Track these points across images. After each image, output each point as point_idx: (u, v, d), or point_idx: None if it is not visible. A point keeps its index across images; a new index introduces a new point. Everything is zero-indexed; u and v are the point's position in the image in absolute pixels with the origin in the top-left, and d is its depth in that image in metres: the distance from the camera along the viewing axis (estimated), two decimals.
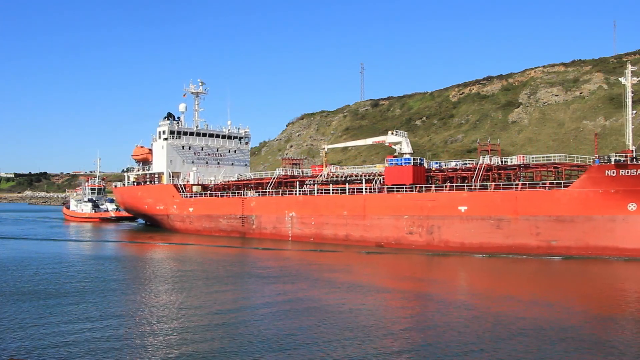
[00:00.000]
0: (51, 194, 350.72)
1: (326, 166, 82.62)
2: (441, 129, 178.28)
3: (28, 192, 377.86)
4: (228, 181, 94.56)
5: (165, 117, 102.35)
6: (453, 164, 75.91)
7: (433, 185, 65.98)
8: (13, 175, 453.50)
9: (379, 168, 77.39)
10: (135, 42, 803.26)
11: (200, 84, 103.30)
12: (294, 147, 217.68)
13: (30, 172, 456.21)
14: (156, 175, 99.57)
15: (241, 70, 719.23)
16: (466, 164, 72.51)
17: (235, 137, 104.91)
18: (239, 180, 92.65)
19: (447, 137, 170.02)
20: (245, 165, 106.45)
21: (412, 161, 68.25)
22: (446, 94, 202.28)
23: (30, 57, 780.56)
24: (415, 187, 66.49)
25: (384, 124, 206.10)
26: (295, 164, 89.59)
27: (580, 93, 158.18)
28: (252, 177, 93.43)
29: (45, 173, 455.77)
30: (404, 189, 67.21)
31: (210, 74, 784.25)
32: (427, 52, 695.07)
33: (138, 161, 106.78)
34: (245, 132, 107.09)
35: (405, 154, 75.23)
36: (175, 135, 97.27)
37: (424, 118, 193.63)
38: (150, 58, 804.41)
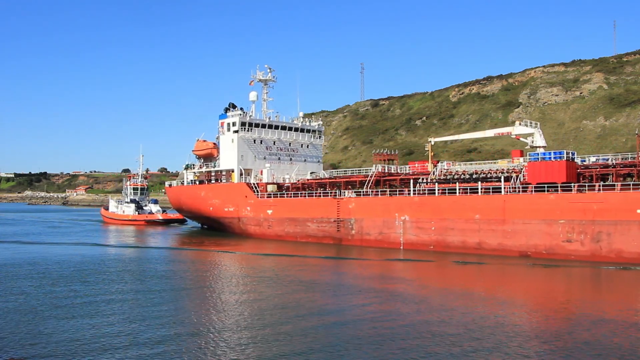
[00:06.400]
0: (51, 194, 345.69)
1: (432, 162, 71.80)
2: (441, 129, 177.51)
3: (28, 192, 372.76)
4: (307, 179, 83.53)
5: (226, 108, 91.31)
6: (593, 159, 65.34)
7: (598, 184, 54.89)
8: (13, 175, 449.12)
9: (502, 164, 66.50)
10: (131, 42, 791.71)
11: (268, 70, 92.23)
12: None
13: (30, 172, 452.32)
14: (223, 173, 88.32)
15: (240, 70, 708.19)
16: (614, 157, 62.05)
17: (307, 131, 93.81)
18: (322, 179, 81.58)
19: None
20: (318, 161, 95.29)
21: (565, 155, 57.35)
22: (446, 94, 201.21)
23: (30, 57, 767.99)
24: (574, 186, 55.59)
25: (384, 124, 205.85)
26: (390, 160, 78.51)
27: (580, 93, 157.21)
28: (338, 175, 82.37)
29: (45, 173, 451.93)
30: (558, 188, 56.36)
31: (209, 72, 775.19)
32: (427, 52, 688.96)
33: (199, 157, 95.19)
34: (318, 124, 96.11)
35: (539, 147, 64.51)
36: (246, 127, 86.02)
37: (424, 118, 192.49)
38: (146, 58, 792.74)
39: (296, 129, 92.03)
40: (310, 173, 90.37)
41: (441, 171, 67.89)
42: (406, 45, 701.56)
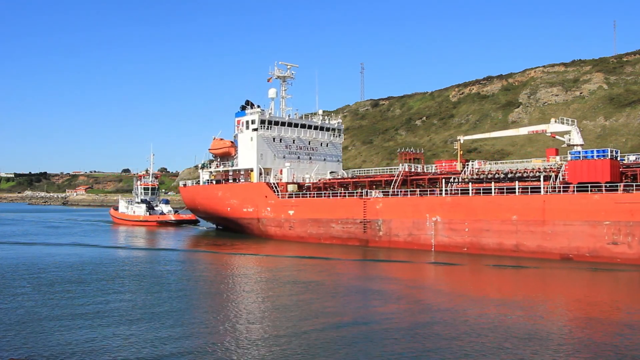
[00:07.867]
0: (51, 194, 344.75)
1: (462, 161, 69.42)
2: (441, 129, 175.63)
3: (28, 192, 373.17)
4: (329, 179, 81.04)
5: (243, 106, 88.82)
6: (633, 157, 62.93)
7: None
8: (13, 175, 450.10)
9: (537, 163, 64.02)
10: (131, 42, 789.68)
11: (287, 67, 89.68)
12: None
13: (30, 172, 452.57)
14: (242, 172, 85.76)
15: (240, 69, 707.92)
16: None
17: (327, 129, 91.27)
18: (345, 179, 79.10)
19: (447, 137, 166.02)
20: (338, 161, 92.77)
21: (609, 153, 54.90)
22: (446, 94, 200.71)
23: (30, 57, 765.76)
24: (620, 186, 53.13)
25: (384, 124, 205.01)
26: (416, 159, 76.05)
27: (580, 93, 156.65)
28: (361, 174, 79.89)
29: (45, 173, 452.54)
30: (602, 188, 53.88)
31: (208, 73, 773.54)
32: (427, 52, 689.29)
33: (216, 156, 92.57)
34: (338, 122, 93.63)
35: (577, 145, 62.03)
36: (265, 125, 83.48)
37: (424, 118, 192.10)
38: (146, 58, 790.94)
39: (316, 127, 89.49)
40: (330, 172, 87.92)
41: (472, 170, 65.44)
42: (406, 45, 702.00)
